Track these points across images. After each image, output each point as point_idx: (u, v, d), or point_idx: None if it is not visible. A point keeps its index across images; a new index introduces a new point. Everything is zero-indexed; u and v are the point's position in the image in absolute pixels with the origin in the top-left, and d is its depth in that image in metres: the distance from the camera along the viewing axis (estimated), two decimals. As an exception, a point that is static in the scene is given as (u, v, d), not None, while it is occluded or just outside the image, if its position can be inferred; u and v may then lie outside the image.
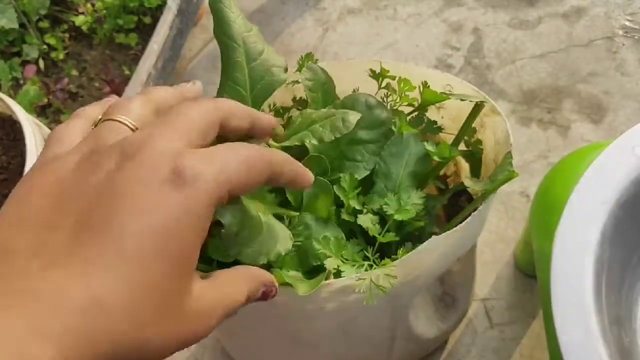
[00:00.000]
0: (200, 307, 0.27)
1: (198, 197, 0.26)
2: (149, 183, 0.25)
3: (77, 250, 0.24)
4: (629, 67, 0.96)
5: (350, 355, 0.59)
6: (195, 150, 0.27)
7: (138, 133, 0.28)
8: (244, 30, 0.48)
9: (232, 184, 0.27)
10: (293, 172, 0.32)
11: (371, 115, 0.51)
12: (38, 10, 1.03)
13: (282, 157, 0.31)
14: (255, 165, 0.28)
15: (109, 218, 0.25)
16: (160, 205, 0.25)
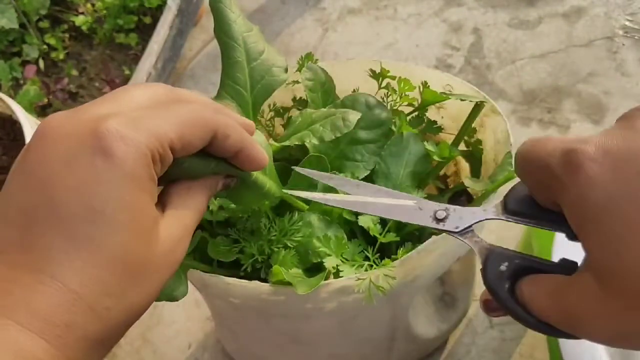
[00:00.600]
0: (168, 248, 0.28)
1: (131, 159, 0.25)
2: (78, 154, 0.25)
3: (29, 248, 0.24)
4: (629, 67, 0.96)
5: (350, 355, 0.59)
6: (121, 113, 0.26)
7: None
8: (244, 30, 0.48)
9: (169, 141, 0.27)
10: (240, 141, 0.31)
11: (371, 115, 0.51)
12: (38, 10, 1.03)
13: (231, 122, 0.31)
14: (194, 124, 0.28)
15: (47, 205, 0.25)
16: (95, 177, 0.25)
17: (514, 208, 0.29)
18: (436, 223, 0.31)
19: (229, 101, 0.50)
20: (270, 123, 0.58)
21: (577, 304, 0.24)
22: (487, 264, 0.28)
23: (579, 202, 0.24)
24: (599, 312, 0.23)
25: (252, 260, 0.47)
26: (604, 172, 0.23)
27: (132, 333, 0.78)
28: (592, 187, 0.23)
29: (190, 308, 0.79)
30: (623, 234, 0.22)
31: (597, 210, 0.23)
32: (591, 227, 0.24)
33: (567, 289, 0.25)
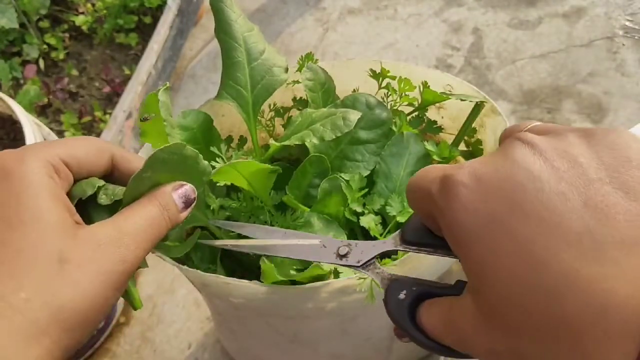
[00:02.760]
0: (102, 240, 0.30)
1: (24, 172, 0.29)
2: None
3: None
4: (629, 67, 0.96)
5: (350, 355, 0.59)
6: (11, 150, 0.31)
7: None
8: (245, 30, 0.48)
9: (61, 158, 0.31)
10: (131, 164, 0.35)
11: (371, 115, 0.51)
12: (38, 10, 1.03)
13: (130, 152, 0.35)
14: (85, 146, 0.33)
15: None
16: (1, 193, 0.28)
17: (410, 238, 0.30)
18: (339, 259, 0.33)
19: (229, 101, 0.50)
20: (271, 123, 0.58)
21: (460, 322, 0.25)
22: (387, 293, 0.29)
23: (453, 226, 0.24)
24: (476, 330, 0.24)
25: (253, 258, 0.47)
26: (475, 198, 0.24)
27: (132, 333, 0.78)
28: (463, 212, 0.24)
29: (190, 308, 0.79)
30: (488, 258, 0.23)
31: (468, 235, 0.24)
32: (464, 251, 0.24)
33: (454, 310, 0.26)
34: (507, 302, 0.23)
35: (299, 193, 0.50)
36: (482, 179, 0.24)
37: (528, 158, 0.24)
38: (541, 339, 0.22)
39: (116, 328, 0.78)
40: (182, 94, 1.07)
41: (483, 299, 0.24)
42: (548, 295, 0.21)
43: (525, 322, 0.22)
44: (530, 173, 0.23)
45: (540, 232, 0.22)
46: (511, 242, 0.23)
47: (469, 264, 0.24)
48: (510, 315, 0.23)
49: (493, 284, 0.23)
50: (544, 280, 0.22)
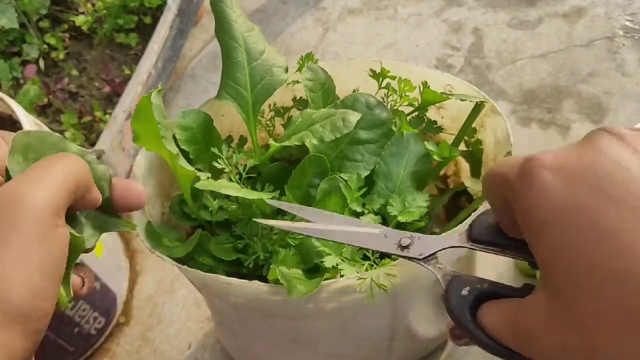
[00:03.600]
0: None
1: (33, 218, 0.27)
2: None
3: None
4: (629, 67, 0.96)
5: (350, 355, 0.59)
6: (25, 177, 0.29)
7: None
8: (245, 30, 0.48)
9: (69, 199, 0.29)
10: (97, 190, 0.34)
11: (371, 115, 0.51)
12: (38, 10, 1.03)
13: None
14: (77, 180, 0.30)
15: None
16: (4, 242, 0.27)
17: (479, 236, 0.29)
18: (400, 250, 0.32)
19: (229, 101, 0.50)
20: (271, 123, 0.58)
21: (528, 322, 0.24)
22: (449, 289, 0.28)
23: (531, 210, 0.24)
24: (547, 327, 0.23)
25: (255, 257, 0.47)
26: (557, 182, 0.23)
27: (132, 333, 0.78)
28: (543, 195, 0.23)
29: (190, 308, 0.79)
30: (567, 244, 0.22)
31: (546, 219, 0.23)
32: (539, 237, 0.24)
33: (521, 309, 0.25)
34: (586, 293, 0.21)
35: (298, 193, 0.50)
36: (565, 164, 0.23)
37: (615, 148, 0.23)
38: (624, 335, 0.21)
39: (116, 328, 0.78)
40: (182, 94, 1.07)
41: (557, 291, 0.23)
42: (636, 284, 0.20)
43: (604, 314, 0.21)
44: (617, 162, 0.22)
45: (628, 218, 0.21)
46: (594, 227, 0.22)
47: (544, 251, 0.23)
48: (589, 307, 0.21)
49: (570, 273, 0.22)
50: (632, 267, 0.20)
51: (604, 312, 0.21)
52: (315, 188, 0.50)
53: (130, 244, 0.86)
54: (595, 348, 0.21)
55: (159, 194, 0.55)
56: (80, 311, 0.72)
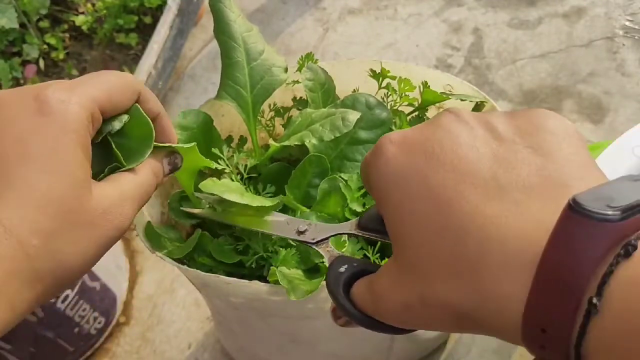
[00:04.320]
0: (105, 207, 0.31)
1: (67, 116, 0.29)
2: (20, 114, 0.29)
3: None
4: (629, 67, 0.96)
5: (350, 355, 0.59)
6: (59, 82, 0.31)
7: None
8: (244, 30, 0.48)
9: (99, 103, 0.31)
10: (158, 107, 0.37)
11: (371, 115, 0.51)
12: (38, 10, 1.03)
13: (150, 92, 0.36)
14: (121, 86, 0.33)
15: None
16: (34, 130, 0.28)
17: (365, 224, 0.33)
18: (297, 235, 0.37)
19: (228, 101, 0.50)
20: (270, 123, 0.58)
21: (379, 286, 0.27)
22: (330, 267, 0.31)
23: (378, 180, 0.26)
24: (392, 287, 0.26)
25: (257, 257, 0.47)
26: (399, 153, 0.26)
27: (132, 333, 0.78)
28: (385, 165, 0.26)
29: (190, 308, 0.79)
30: (404, 205, 0.25)
31: (388, 185, 0.26)
32: (385, 202, 0.26)
33: (376, 276, 0.27)
34: (419, 247, 0.24)
35: (298, 193, 0.50)
36: (408, 138, 0.26)
37: (451, 122, 0.26)
38: (446, 280, 0.23)
39: (116, 328, 0.78)
40: (182, 94, 1.07)
41: (398, 251, 0.25)
42: (454, 234, 0.23)
43: (433, 264, 0.23)
44: (449, 131, 0.25)
45: (452, 177, 0.24)
46: (425, 186, 0.24)
47: (388, 214, 0.26)
48: (421, 259, 0.24)
49: (406, 231, 0.25)
50: (451, 220, 0.23)
51: (432, 261, 0.24)
52: (315, 188, 0.50)
53: (130, 244, 0.86)
54: (428, 294, 0.24)
55: (159, 193, 0.55)
56: (80, 311, 0.72)
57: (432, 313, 0.24)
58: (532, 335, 0.21)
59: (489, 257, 0.22)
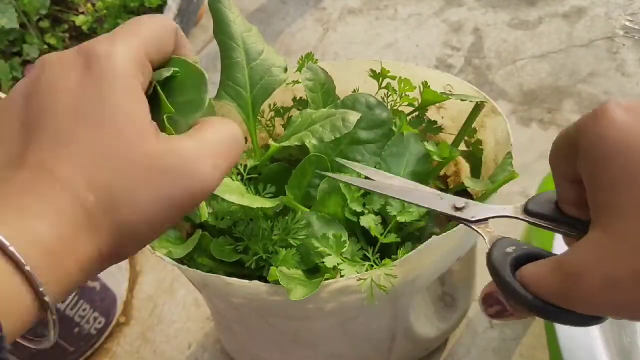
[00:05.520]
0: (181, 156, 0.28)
1: (115, 68, 0.28)
2: (69, 71, 0.28)
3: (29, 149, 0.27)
4: (629, 67, 0.96)
5: (350, 355, 0.59)
6: (101, 35, 0.30)
7: None
8: (243, 30, 0.48)
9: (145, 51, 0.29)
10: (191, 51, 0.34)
11: (371, 115, 0.51)
12: (38, 10, 1.03)
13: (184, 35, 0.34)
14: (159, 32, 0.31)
15: (43, 112, 0.27)
16: (83, 86, 0.28)
17: (534, 209, 0.30)
18: (454, 211, 0.33)
19: (228, 101, 0.50)
20: (270, 123, 0.58)
21: (575, 264, 0.25)
22: (493, 246, 0.29)
23: (597, 141, 0.25)
24: (596, 263, 0.24)
25: (256, 258, 0.47)
26: (628, 117, 0.24)
27: (132, 333, 0.78)
28: (612, 128, 0.24)
29: (190, 308, 0.79)
30: (630, 173, 0.23)
31: (611, 149, 0.24)
32: (601, 166, 0.24)
33: (568, 255, 0.26)
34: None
35: (298, 193, 0.50)
36: (637, 103, 0.25)
37: None
38: None
39: (116, 328, 0.78)
40: (182, 94, 1.07)
41: (611, 223, 0.23)
42: None
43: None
44: None
45: None
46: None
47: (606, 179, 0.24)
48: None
49: (631, 194, 0.23)
50: None
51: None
52: (316, 188, 0.50)
53: (130, 244, 0.86)
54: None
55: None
56: (80, 311, 0.72)
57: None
58: None
59: None
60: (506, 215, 0.32)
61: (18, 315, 0.23)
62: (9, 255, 0.23)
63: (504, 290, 0.27)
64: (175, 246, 0.50)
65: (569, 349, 0.51)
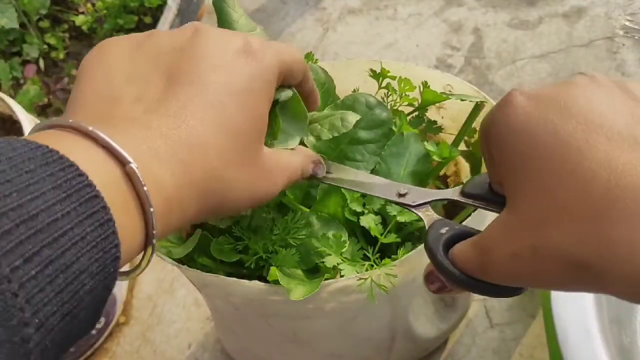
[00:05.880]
0: (269, 166, 0.32)
1: (265, 66, 0.31)
2: (225, 50, 0.30)
3: (172, 98, 0.28)
4: (629, 67, 0.96)
5: (350, 355, 0.59)
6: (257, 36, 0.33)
7: None
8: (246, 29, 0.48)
9: (285, 65, 0.33)
10: (312, 81, 0.39)
11: (371, 115, 0.51)
12: (38, 10, 1.03)
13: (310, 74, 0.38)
14: (296, 59, 0.35)
15: (193, 73, 0.29)
16: (236, 68, 0.30)
17: (469, 190, 0.33)
18: (398, 197, 0.37)
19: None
20: (271, 123, 0.58)
21: (487, 240, 0.27)
22: (430, 228, 0.31)
23: (502, 127, 0.27)
24: (503, 238, 0.26)
25: (256, 258, 0.47)
26: (529, 104, 0.26)
27: (132, 333, 0.78)
28: (516, 115, 0.26)
29: (190, 308, 0.79)
30: (530, 152, 0.25)
31: (516, 135, 0.26)
32: (508, 151, 0.26)
33: (484, 232, 0.28)
34: (539, 194, 0.24)
35: (298, 193, 0.50)
36: (539, 92, 0.27)
37: (587, 82, 0.26)
38: (564, 227, 0.23)
39: (116, 328, 0.78)
40: (182, 94, 1.07)
41: (515, 200, 0.25)
42: (579, 181, 0.23)
43: (552, 211, 0.23)
44: (585, 90, 0.26)
45: (583, 128, 0.24)
46: (553, 136, 0.24)
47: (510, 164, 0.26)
48: (539, 207, 0.24)
49: (530, 178, 0.25)
50: (579, 167, 0.23)
51: (550, 208, 0.24)
52: (316, 188, 0.50)
53: (130, 244, 0.86)
54: (541, 243, 0.24)
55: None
56: (80, 311, 0.72)
57: (543, 263, 0.24)
58: None
59: (618, 203, 0.22)
60: (445, 198, 0.34)
61: (129, 247, 0.25)
62: (138, 194, 0.25)
63: (437, 268, 0.29)
64: (175, 246, 0.50)
65: (569, 349, 0.51)
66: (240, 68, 0.30)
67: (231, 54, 0.30)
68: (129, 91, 0.29)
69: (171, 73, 0.29)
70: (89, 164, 0.23)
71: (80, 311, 0.21)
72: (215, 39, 0.31)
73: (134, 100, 0.28)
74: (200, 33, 0.31)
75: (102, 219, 0.22)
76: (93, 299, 0.22)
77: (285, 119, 0.36)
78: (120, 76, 0.30)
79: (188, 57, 0.30)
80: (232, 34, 0.32)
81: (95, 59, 0.31)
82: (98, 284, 0.22)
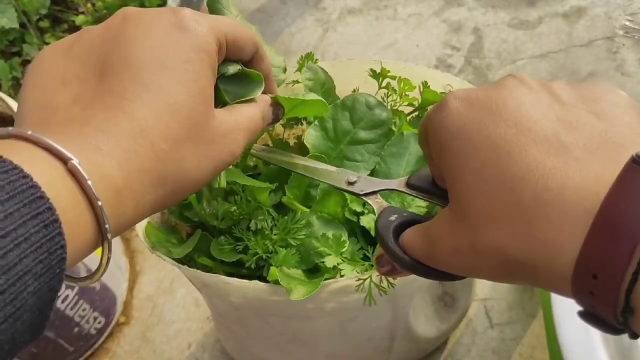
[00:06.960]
0: (224, 130, 0.32)
1: (200, 37, 0.30)
2: (157, 28, 0.30)
3: (106, 91, 0.28)
4: (629, 67, 0.96)
5: (350, 355, 0.59)
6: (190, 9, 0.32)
7: None
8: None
9: (225, 37, 0.32)
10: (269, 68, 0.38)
11: (371, 115, 0.51)
12: (38, 9, 1.03)
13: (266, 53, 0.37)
14: (240, 31, 0.34)
15: (125, 60, 0.29)
16: (169, 42, 0.30)
17: (414, 182, 0.34)
18: (347, 185, 0.37)
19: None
20: (271, 123, 0.58)
21: (434, 231, 0.28)
22: (380, 215, 0.32)
23: (439, 131, 0.28)
24: (448, 232, 0.27)
25: (256, 258, 0.47)
26: (462, 107, 0.27)
27: (132, 333, 0.78)
28: (450, 118, 0.27)
29: (190, 308, 0.79)
30: (464, 154, 0.26)
31: (450, 137, 0.27)
32: (444, 153, 0.27)
33: (432, 222, 0.29)
34: (475, 195, 0.25)
35: (298, 193, 0.50)
36: (471, 94, 0.27)
37: (516, 85, 0.27)
38: (498, 226, 0.24)
39: (116, 328, 0.78)
40: (182, 94, 1.07)
41: (455, 198, 0.26)
42: (511, 183, 0.24)
43: (487, 211, 0.24)
44: (514, 92, 0.26)
45: (513, 132, 0.25)
46: (485, 138, 0.25)
47: (447, 163, 0.27)
48: (475, 207, 0.25)
49: (465, 179, 0.26)
50: (509, 169, 0.24)
51: (485, 208, 0.25)
52: (315, 188, 0.50)
53: (130, 244, 0.86)
54: (478, 240, 0.25)
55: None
56: (80, 311, 0.72)
57: (480, 258, 0.25)
58: (583, 281, 0.22)
59: (546, 206, 0.23)
60: (391, 188, 0.35)
61: (80, 245, 0.25)
62: (84, 189, 0.25)
63: (388, 253, 0.30)
64: (175, 246, 0.50)
65: (569, 349, 0.51)
66: (173, 42, 0.30)
67: (163, 30, 0.30)
68: (66, 94, 0.29)
69: (104, 66, 0.29)
70: (32, 165, 0.23)
71: (24, 313, 0.21)
72: (145, 19, 0.30)
73: (71, 102, 0.28)
74: (128, 18, 0.30)
75: (47, 219, 0.22)
76: (38, 301, 0.22)
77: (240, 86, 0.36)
78: (56, 81, 0.29)
79: (117, 45, 0.29)
80: (162, 10, 0.31)
81: (33, 70, 0.31)
82: (43, 285, 0.22)
